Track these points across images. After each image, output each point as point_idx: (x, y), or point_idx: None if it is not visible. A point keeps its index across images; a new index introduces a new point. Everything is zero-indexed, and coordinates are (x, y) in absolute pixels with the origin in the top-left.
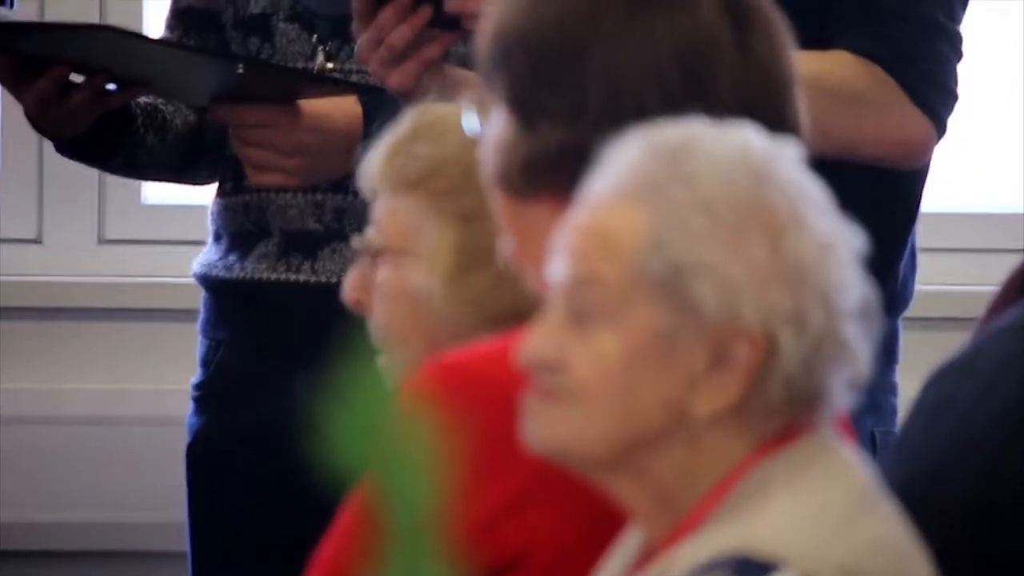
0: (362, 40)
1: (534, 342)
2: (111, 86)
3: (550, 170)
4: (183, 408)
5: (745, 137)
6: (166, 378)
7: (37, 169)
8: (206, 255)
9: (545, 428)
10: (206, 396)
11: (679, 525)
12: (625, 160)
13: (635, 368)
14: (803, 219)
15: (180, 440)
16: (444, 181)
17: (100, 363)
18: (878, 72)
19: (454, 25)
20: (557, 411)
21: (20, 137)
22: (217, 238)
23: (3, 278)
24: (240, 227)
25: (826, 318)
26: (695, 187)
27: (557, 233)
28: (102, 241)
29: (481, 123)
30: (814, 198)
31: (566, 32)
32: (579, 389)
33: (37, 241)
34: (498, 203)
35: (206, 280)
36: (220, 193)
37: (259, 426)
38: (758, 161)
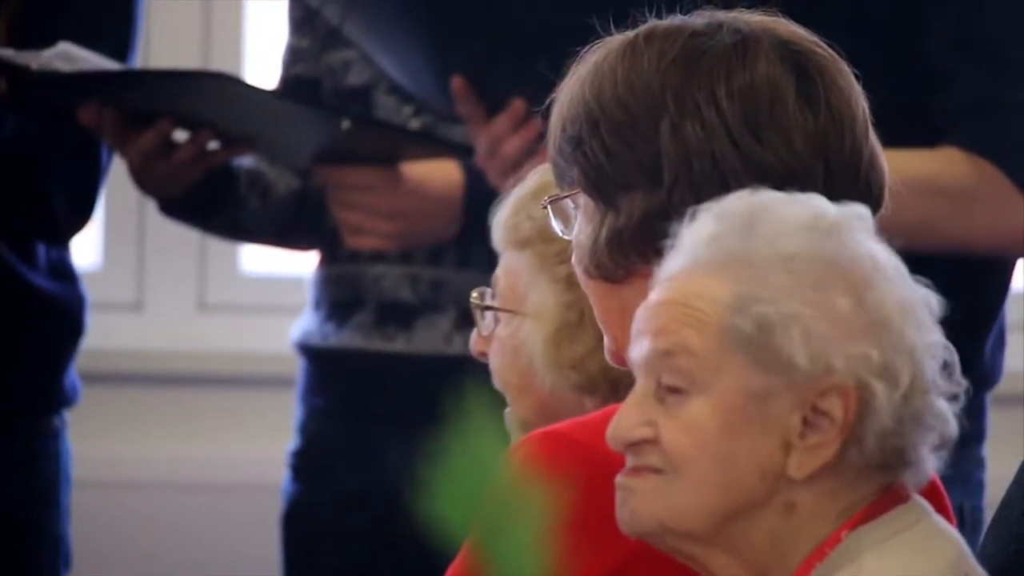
0: (480, 149)
1: (622, 421)
2: (214, 144)
3: (636, 242)
4: (279, 476)
5: (815, 203)
6: (263, 446)
7: (138, 235)
8: (305, 323)
9: (641, 505)
10: (303, 463)
11: None
12: (698, 235)
13: (730, 434)
14: (883, 274)
15: (276, 508)
16: (555, 244)
17: (198, 430)
18: (988, 168)
19: None
20: (652, 487)
21: (122, 203)
22: (316, 306)
23: (103, 344)
24: (337, 297)
25: (913, 374)
26: (772, 246)
27: (638, 313)
28: (201, 308)
29: (563, 225)
30: (888, 259)
31: (631, 108)
32: (675, 462)
33: (137, 307)
34: (593, 295)
35: (305, 348)
36: (320, 262)
37: (355, 493)
38: (831, 222)
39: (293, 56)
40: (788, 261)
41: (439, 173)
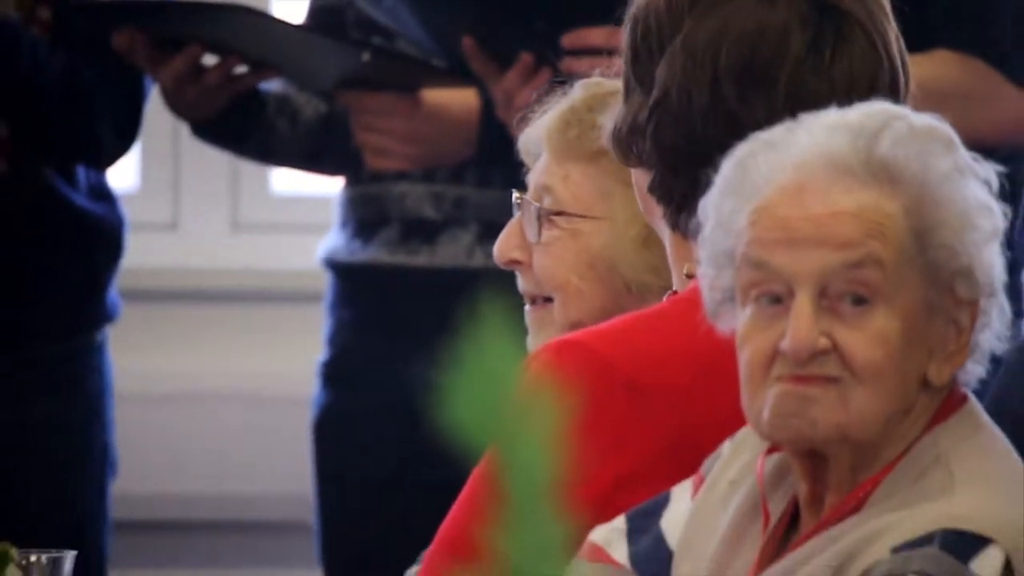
0: (497, 102)
1: (800, 332)
2: (243, 68)
3: (632, 139)
4: (309, 387)
5: (915, 116)
6: (294, 358)
7: (173, 159)
8: (332, 240)
9: (824, 414)
10: (332, 373)
11: (855, 492)
12: (814, 141)
13: (910, 346)
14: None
15: (306, 417)
16: None
17: (232, 344)
18: (980, 65)
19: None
20: (834, 396)
21: (158, 128)
22: (343, 225)
23: (141, 263)
24: (363, 215)
25: (1001, 291)
26: (925, 161)
27: (765, 222)
28: (234, 227)
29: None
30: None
31: (660, 22)
32: (861, 372)
33: (173, 227)
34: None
35: (332, 264)
36: (345, 183)
37: (383, 401)
38: (948, 136)
39: None
40: (945, 178)
41: (457, 99)
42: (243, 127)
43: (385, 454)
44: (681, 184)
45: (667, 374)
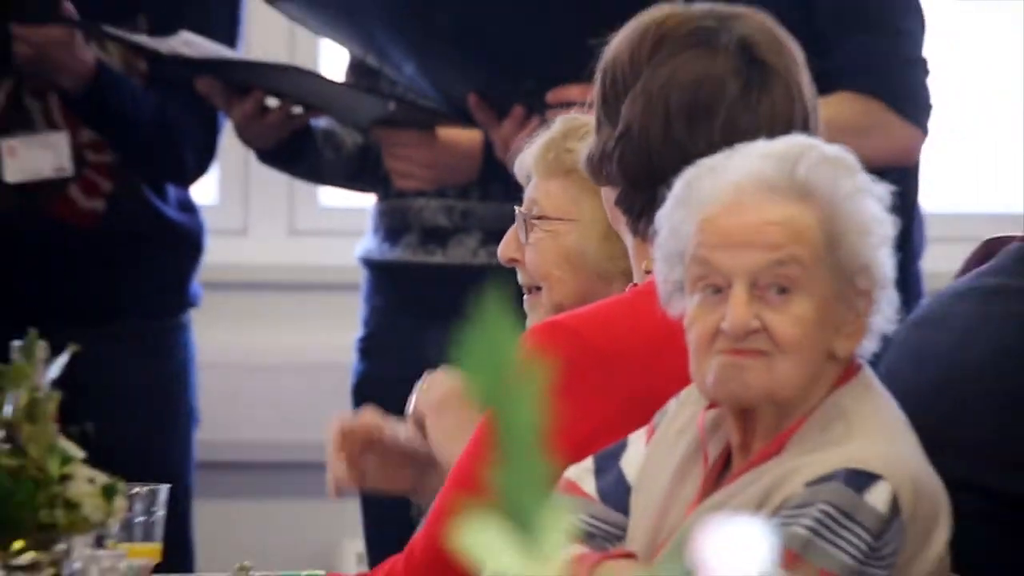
0: (496, 146)
1: (737, 314)
2: (298, 109)
3: (602, 165)
4: (349, 358)
5: (825, 147)
6: (337, 336)
7: (243, 178)
8: (366, 243)
9: (754, 379)
10: (366, 347)
11: (775, 440)
12: (748, 166)
13: (821, 326)
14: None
15: (347, 383)
16: None
17: (288, 325)
18: (875, 103)
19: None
20: (763, 365)
21: (231, 154)
22: (375, 231)
23: (218, 260)
24: (390, 223)
25: (887, 279)
26: (834, 182)
27: (720, 229)
28: (291, 233)
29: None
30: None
31: (624, 69)
32: (784, 347)
33: (243, 233)
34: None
35: (367, 262)
36: (377, 199)
37: (408, 370)
38: (848, 163)
39: None
40: (849, 196)
41: (465, 136)
42: (298, 155)
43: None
44: (641, 199)
45: (630, 346)
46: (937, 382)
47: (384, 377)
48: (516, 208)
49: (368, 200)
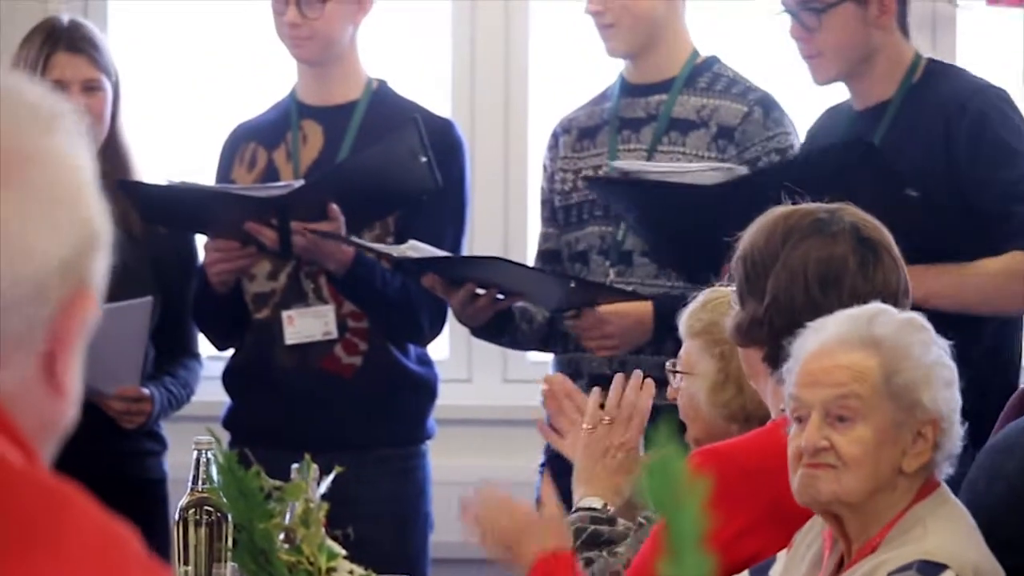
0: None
1: (811, 435)
2: (500, 296)
3: (752, 330)
4: (534, 478)
5: (896, 311)
6: (534, 457)
7: (467, 342)
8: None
9: (824, 487)
10: (552, 466)
11: (868, 543)
12: (835, 327)
13: (880, 446)
14: (944, 353)
15: (531, 498)
16: (713, 335)
17: (507, 452)
18: None
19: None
20: (831, 476)
21: (455, 325)
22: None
23: (450, 402)
24: (566, 371)
25: (958, 415)
26: (899, 336)
27: (804, 370)
28: (505, 380)
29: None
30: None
31: (763, 256)
32: (846, 462)
33: (468, 381)
34: (743, 357)
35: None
36: (555, 355)
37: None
38: (919, 323)
39: (543, 239)
40: (910, 346)
41: (635, 307)
42: (501, 330)
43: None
44: (783, 354)
45: (768, 465)
46: (1007, 500)
47: (562, 493)
48: (668, 362)
49: (550, 356)
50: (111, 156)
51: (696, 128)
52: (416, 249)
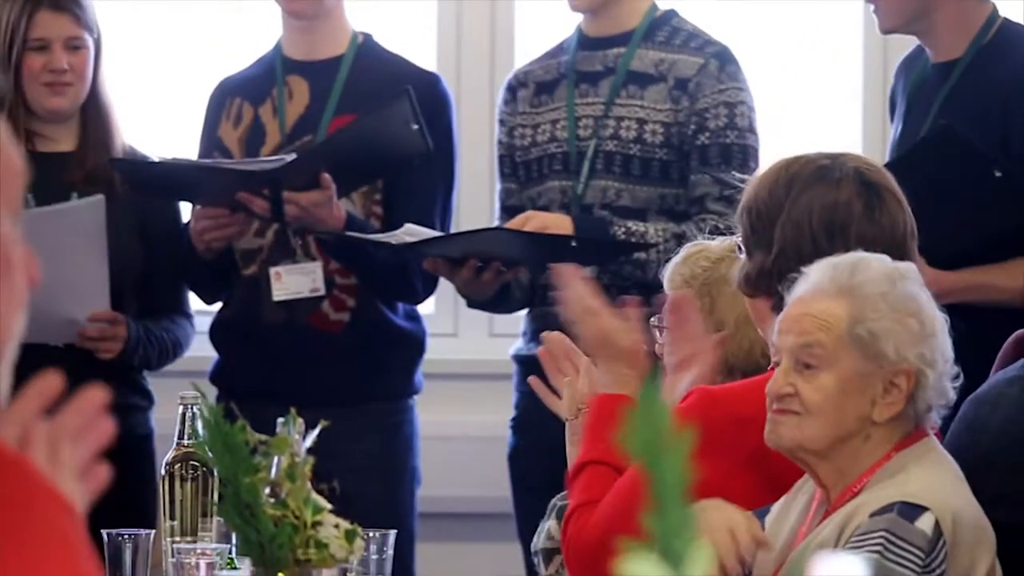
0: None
1: (776, 381)
2: (502, 269)
3: (760, 280)
4: (505, 432)
5: (888, 260)
6: (506, 413)
7: (454, 300)
8: (517, 344)
9: (786, 432)
10: (518, 424)
11: (848, 489)
12: (817, 276)
13: (843, 395)
14: (930, 303)
15: (503, 455)
16: (693, 288)
17: (487, 403)
18: None
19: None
20: (794, 422)
21: (445, 286)
22: (523, 334)
23: (436, 357)
24: (537, 327)
25: (942, 367)
26: (872, 285)
27: (782, 317)
28: (491, 335)
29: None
30: (928, 294)
31: (768, 206)
32: (809, 409)
33: (455, 335)
34: (750, 307)
35: (517, 358)
36: (529, 310)
37: (545, 444)
38: (902, 271)
39: (505, 194)
40: (884, 296)
41: (559, 225)
42: (500, 302)
43: (555, 475)
44: None
45: (760, 413)
46: (991, 451)
47: (528, 448)
48: (653, 317)
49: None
50: (93, 114)
51: (655, 82)
52: (413, 233)
